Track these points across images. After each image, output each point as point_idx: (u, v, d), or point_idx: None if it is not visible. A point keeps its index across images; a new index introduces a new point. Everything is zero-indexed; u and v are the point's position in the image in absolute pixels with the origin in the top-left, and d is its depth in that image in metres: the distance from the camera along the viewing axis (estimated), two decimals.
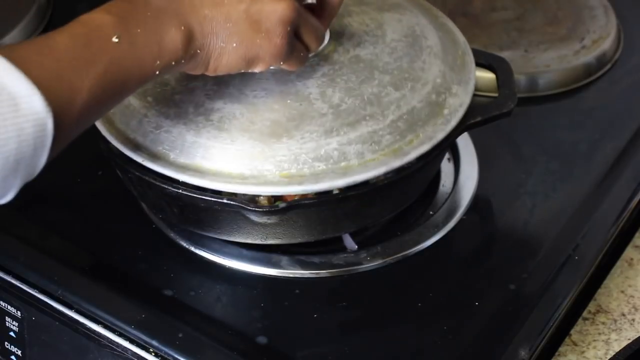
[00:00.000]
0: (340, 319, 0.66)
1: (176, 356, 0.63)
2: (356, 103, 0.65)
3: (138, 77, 0.56)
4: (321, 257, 0.69)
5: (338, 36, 0.69)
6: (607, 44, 0.88)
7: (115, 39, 0.54)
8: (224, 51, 0.59)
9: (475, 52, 0.72)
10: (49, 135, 0.51)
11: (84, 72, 0.53)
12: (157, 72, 0.57)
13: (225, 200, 0.63)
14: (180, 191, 0.64)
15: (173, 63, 0.57)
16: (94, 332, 0.65)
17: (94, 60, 0.53)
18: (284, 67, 0.64)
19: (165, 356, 0.63)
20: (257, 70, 0.62)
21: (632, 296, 0.70)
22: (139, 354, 0.64)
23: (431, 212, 0.73)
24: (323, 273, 0.69)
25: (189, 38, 0.57)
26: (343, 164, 0.63)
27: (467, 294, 0.67)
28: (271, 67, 0.65)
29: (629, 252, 0.74)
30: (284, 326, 0.65)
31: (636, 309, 0.69)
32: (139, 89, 0.58)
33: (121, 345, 0.65)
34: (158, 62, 0.56)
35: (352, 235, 0.71)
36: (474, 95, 0.69)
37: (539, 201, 0.75)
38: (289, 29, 0.60)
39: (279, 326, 0.65)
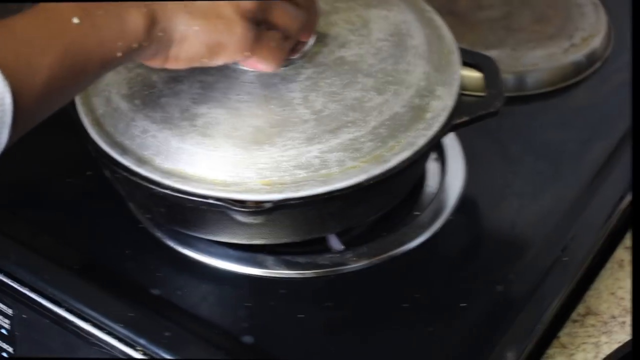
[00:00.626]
0: (325, 319, 0.66)
1: (163, 354, 0.64)
2: (338, 109, 0.65)
3: (100, 59, 0.56)
4: (307, 257, 0.69)
5: (323, 36, 0.69)
6: (596, 42, 0.87)
7: (75, 20, 0.54)
8: (186, 36, 0.59)
9: (462, 51, 0.71)
10: (7, 111, 0.51)
11: (43, 50, 0.53)
12: (120, 55, 0.57)
13: (211, 201, 0.64)
14: (166, 191, 0.65)
15: (135, 45, 0.57)
16: (83, 330, 0.66)
17: (54, 40, 0.53)
18: (256, 60, 0.63)
19: (153, 354, 0.64)
20: (220, 61, 0.62)
21: (622, 298, 0.70)
22: (126, 352, 0.65)
23: (417, 213, 0.73)
24: (309, 273, 0.69)
25: (152, 21, 0.57)
26: (324, 171, 0.63)
27: (453, 295, 0.67)
28: (253, 71, 0.65)
29: (620, 253, 0.73)
30: (269, 326, 0.65)
31: (627, 312, 0.69)
32: (101, 74, 0.58)
33: (109, 343, 0.65)
34: (120, 43, 0.56)
35: (338, 236, 0.71)
36: (461, 94, 0.69)
37: (526, 201, 0.74)
38: (248, 17, 0.60)
39: (265, 326, 0.65)
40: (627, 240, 0.74)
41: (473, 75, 0.71)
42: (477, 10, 0.89)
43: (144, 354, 0.64)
